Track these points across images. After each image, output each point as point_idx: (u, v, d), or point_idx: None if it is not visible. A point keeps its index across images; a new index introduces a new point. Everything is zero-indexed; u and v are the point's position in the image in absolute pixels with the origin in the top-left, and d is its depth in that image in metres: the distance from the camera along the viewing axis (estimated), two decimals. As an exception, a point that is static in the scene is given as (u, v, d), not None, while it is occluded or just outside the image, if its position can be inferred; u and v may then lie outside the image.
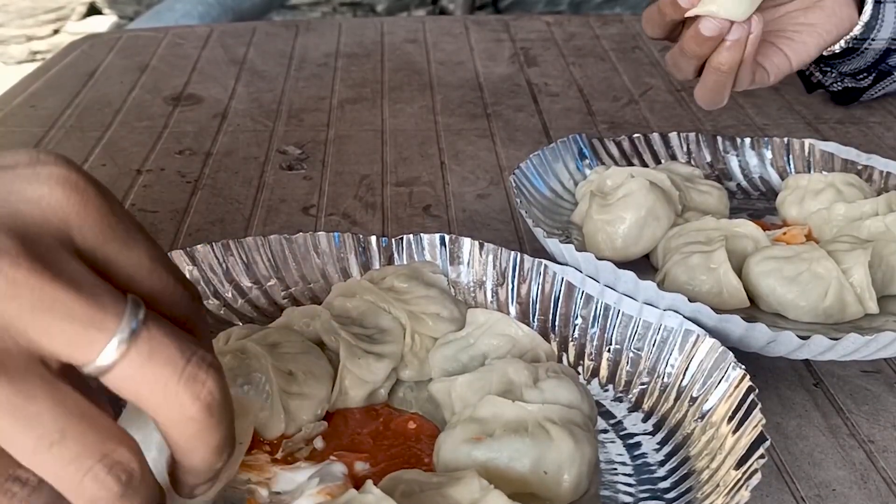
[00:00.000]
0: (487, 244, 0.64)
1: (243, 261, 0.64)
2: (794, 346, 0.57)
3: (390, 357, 0.57)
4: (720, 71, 0.73)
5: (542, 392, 0.51)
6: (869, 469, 0.55)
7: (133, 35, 1.31)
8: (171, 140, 0.97)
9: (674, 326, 0.57)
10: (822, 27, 0.79)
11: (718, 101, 0.77)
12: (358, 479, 0.49)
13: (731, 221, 0.70)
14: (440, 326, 0.59)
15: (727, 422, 0.51)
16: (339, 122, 1.01)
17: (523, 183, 0.74)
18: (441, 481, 0.46)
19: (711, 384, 0.53)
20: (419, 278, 0.62)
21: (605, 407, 0.57)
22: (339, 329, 0.57)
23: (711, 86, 0.75)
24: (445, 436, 0.50)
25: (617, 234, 0.70)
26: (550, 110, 1.04)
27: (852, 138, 0.96)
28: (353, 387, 0.55)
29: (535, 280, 0.63)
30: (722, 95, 0.76)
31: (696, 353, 0.55)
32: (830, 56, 0.85)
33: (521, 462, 0.48)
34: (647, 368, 0.57)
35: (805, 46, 0.79)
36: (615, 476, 0.51)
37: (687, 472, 0.50)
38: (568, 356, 0.60)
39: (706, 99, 0.77)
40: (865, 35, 0.83)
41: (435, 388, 0.55)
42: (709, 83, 0.75)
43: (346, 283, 0.62)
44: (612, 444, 0.54)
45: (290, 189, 0.86)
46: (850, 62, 0.88)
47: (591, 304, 0.60)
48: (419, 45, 1.25)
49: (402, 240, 0.66)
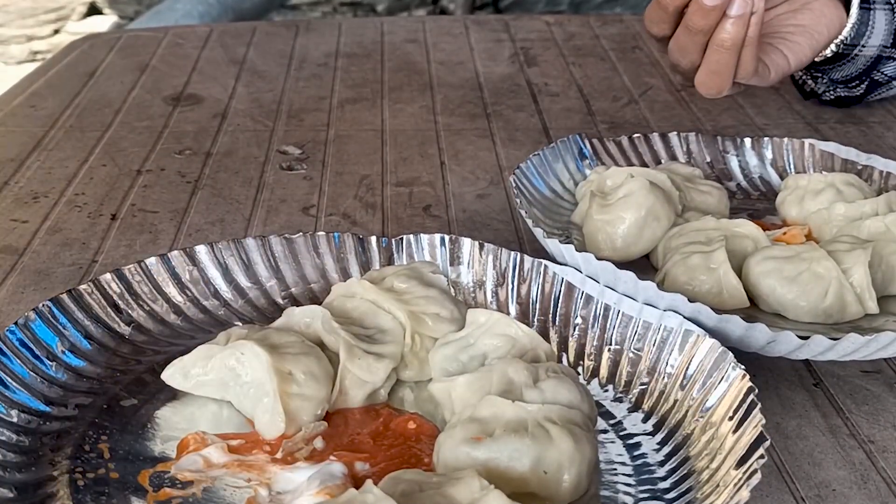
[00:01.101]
0: (487, 244, 0.64)
1: (243, 261, 0.64)
2: (794, 346, 0.57)
3: (390, 357, 0.57)
4: (723, 48, 0.72)
5: (542, 392, 0.51)
6: (869, 469, 0.55)
7: (133, 35, 1.31)
8: (171, 140, 0.97)
9: (674, 326, 0.57)
10: (813, 28, 0.80)
11: (721, 85, 0.75)
12: (358, 480, 0.49)
13: (731, 221, 0.70)
14: (440, 327, 0.59)
15: (727, 421, 0.51)
16: (339, 122, 1.01)
17: (523, 183, 0.74)
18: (441, 481, 0.46)
19: (711, 384, 0.53)
20: (419, 278, 0.62)
21: (605, 407, 0.57)
22: (339, 329, 0.57)
23: (714, 66, 0.73)
24: (445, 436, 0.50)
25: (617, 234, 0.70)
26: (550, 110, 1.04)
27: (852, 138, 0.96)
28: (353, 387, 0.55)
29: (535, 280, 0.63)
30: (724, 79, 0.74)
31: (695, 353, 0.55)
32: (822, 61, 0.86)
33: (520, 462, 0.48)
34: (647, 368, 0.57)
35: (800, 47, 0.79)
36: (615, 476, 0.51)
37: (687, 473, 0.50)
38: (568, 356, 0.60)
39: (709, 83, 0.75)
40: (856, 41, 0.83)
41: (435, 388, 0.55)
42: (711, 64, 0.73)
43: (345, 283, 0.62)
44: (612, 444, 0.54)
45: (290, 189, 0.86)
46: (840, 69, 0.88)
47: (591, 304, 0.60)
48: (419, 45, 1.25)
49: (402, 240, 0.66)
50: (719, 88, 0.75)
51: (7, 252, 0.76)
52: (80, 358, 0.57)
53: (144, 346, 0.60)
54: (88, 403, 0.55)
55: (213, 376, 0.55)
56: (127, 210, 0.83)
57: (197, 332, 0.61)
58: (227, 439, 0.53)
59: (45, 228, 0.79)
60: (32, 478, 0.49)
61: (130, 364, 0.59)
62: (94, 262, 0.74)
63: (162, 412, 0.55)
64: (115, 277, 0.61)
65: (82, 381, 0.56)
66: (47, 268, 0.73)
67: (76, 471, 0.50)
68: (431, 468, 0.50)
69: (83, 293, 0.59)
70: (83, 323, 0.59)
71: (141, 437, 0.53)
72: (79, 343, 0.58)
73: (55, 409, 0.54)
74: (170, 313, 0.62)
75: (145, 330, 0.61)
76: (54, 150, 0.94)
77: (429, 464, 0.51)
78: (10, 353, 0.54)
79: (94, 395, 0.56)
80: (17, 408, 0.52)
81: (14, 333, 0.55)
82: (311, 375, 0.54)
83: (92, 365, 0.57)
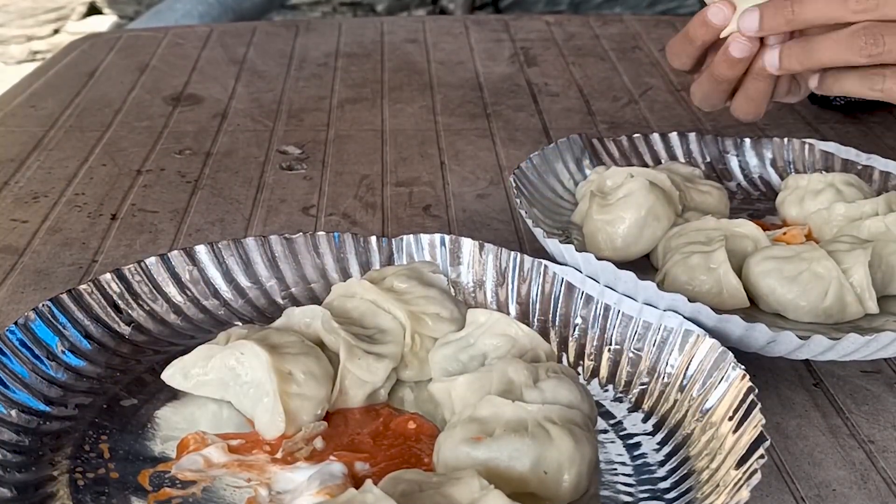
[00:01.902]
0: (487, 244, 0.64)
1: (243, 261, 0.64)
2: (794, 346, 0.57)
3: (390, 357, 0.57)
4: (762, 77, 0.70)
5: (542, 392, 0.51)
6: (869, 469, 0.55)
7: (133, 35, 1.31)
8: (170, 140, 0.97)
9: (674, 326, 0.57)
10: None
11: (758, 110, 0.73)
12: (358, 479, 0.49)
13: (731, 221, 0.70)
14: (440, 326, 0.59)
15: (727, 421, 0.51)
16: (339, 122, 1.01)
17: (523, 183, 0.74)
18: (441, 481, 0.45)
19: (711, 384, 0.53)
20: (419, 278, 0.62)
21: (605, 407, 0.57)
22: (339, 329, 0.57)
23: (752, 94, 0.71)
24: (445, 436, 0.50)
25: (617, 234, 0.70)
26: (550, 110, 1.04)
27: (852, 138, 0.96)
28: (353, 387, 0.55)
29: (535, 280, 0.63)
30: (762, 105, 0.72)
31: (696, 353, 0.55)
32: None
33: (520, 462, 0.48)
34: (647, 368, 0.57)
35: None
36: (615, 476, 0.51)
37: (687, 472, 0.50)
38: (568, 356, 0.60)
39: (746, 108, 0.73)
40: None
41: (435, 387, 0.55)
42: (749, 91, 0.71)
43: (345, 283, 0.62)
44: (612, 444, 0.54)
45: (290, 189, 0.86)
46: None
47: (591, 304, 0.60)
48: (419, 45, 1.25)
49: (402, 240, 0.66)
50: (756, 114, 0.74)
51: (7, 252, 0.76)
52: (80, 358, 0.57)
53: (144, 345, 0.60)
54: (88, 403, 0.55)
55: (213, 376, 0.55)
56: (127, 210, 0.83)
57: (197, 332, 0.61)
58: (227, 439, 0.53)
59: (45, 228, 0.79)
60: (32, 478, 0.49)
61: (130, 364, 0.59)
62: (94, 262, 0.74)
63: (162, 412, 0.55)
64: (115, 277, 0.61)
65: (82, 380, 0.56)
66: (47, 268, 0.73)
67: (76, 471, 0.50)
68: (431, 468, 0.50)
69: (83, 293, 0.59)
70: (83, 323, 0.59)
71: (141, 437, 0.53)
72: (79, 343, 0.58)
73: (55, 409, 0.54)
74: (169, 313, 0.62)
75: (145, 330, 0.61)
76: (54, 150, 0.94)
77: (428, 464, 0.51)
78: (10, 353, 0.54)
79: (94, 395, 0.56)
80: (16, 407, 0.52)
81: (14, 333, 0.55)
82: (311, 375, 0.54)
83: (92, 365, 0.57)
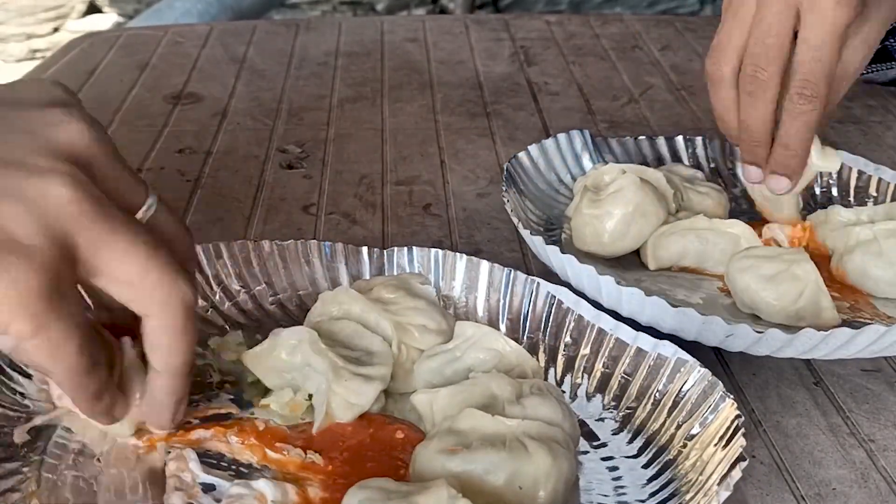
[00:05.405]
0: (481, 260, 0.64)
1: (233, 264, 0.64)
2: (751, 340, 0.56)
3: (379, 379, 0.55)
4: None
5: (523, 408, 0.51)
6: (869, 468, 0.55)
7: (133, 33, 1.31)
8: (171, 139, 0.97)
9: (668, 355, 0.56)
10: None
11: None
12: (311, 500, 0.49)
13: (722, 221, 0.69)
14: (427, 338, 0.58)
15: (711, 447, 0.50)
16: (339, 121, 1.01)
17: (518, 172, 0.74)
18: (410, 490, 0.45)
19: (699, 411, 0.53)
20: (407, 289, 0.61)
21: (588, 427, 0.56)
22: (326, 351, 0.55)
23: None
24: (422, 446, 0.50)
25: (604, 229, 0.69)
26: (550, 109, 1.04)
27: (852, 138, 0.96)
28: (339, 409, 0.54)
29: (526, 297, 0.62)
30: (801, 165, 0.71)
31: (686, 381, 0.54)
32: None
33: (496, 475, 0.47)
34: (636, 393, 0.56)
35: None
36: (594, 497, 0.50)
37: (668, 496, 0.50)
38: (556, 374, 0.59)
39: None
40: None
41: (417, 399, 0.54)
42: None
43: (332, 291, 0.61)
44: (592, 464, 0.53)
45: (290, 188, 0.86)
46: None
47: (583, 324, 0.60)
48: (419, 44, 1.25)
49: (394, 252, 0.66)
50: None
51: (7, 250, 0.75)
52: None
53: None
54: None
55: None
56: (127, 208, 0.82)
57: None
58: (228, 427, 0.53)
59: (45, 227, 0.79)
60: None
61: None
62: (93, 261, 0.74)
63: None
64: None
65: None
66: (47, 266, 0.73)
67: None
68: (408, 478, 0.50)
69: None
70: (83, 321, 0.58)
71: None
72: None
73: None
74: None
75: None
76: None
77: (404, 475, 0.50)
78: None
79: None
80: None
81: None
82: None
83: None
